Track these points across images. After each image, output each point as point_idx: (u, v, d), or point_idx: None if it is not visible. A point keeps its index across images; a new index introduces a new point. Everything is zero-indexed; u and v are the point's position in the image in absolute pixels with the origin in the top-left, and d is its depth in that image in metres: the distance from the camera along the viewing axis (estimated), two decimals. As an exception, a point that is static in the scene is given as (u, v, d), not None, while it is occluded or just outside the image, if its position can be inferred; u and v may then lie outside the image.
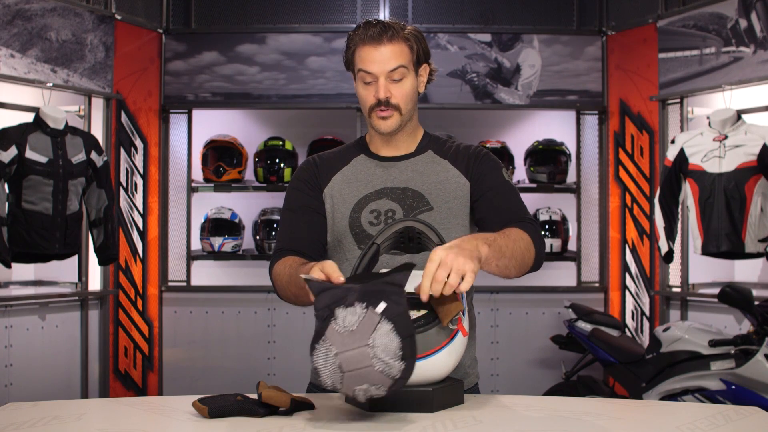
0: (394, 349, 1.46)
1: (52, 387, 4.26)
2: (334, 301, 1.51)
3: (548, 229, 4.96)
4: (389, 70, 1.93)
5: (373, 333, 1.46)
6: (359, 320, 1.48)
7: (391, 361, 1.46)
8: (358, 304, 1.49)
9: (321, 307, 1.52)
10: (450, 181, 2.00)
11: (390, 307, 1.48)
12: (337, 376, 1.48)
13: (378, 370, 1.46)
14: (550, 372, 4.91)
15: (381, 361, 1.46)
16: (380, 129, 1.98)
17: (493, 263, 1.71)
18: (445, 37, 5.03)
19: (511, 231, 1.83)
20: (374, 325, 1.47)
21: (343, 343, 1.47)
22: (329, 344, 1.48)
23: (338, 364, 1.47)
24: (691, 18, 4.45)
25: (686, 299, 4.49)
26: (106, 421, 1.66)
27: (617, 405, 1.88)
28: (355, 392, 1.49)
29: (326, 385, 1.50)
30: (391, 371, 1.46)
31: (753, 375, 3.29)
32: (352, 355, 1.46)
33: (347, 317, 1.48)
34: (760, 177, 3.88)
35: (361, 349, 1.46)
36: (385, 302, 1.48)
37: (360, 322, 1.47)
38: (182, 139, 5.06)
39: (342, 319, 1.48)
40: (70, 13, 4.36)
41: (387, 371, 1.46)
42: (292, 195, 2.06)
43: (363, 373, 1.46)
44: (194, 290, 5.03)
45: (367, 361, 1.46)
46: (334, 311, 1.49)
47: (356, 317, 1.48)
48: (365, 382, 1.47)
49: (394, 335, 1.46)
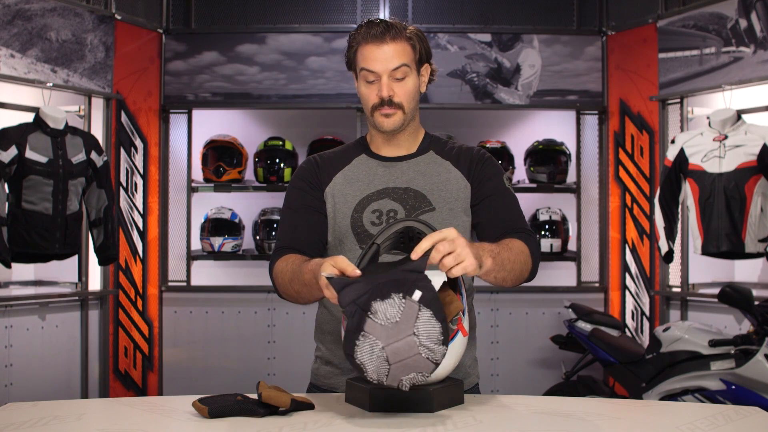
0: (437, 334, 1.50)
1: (52, 387, 4.26)
2: (358, 296, 1.52)
3: (548, 229, 4.96)
4: (392, 69, 1.93)
5: (416, 321, 1.49)
6: (400, 311, 1.49)
7: (434, 347, 1.50)
8: (394, 295, 1.50)
9: (347, 303, 1.52)
10: (451, 182, 2.00)
11: (425, 294, 1.51)
12: (384, 369, 1.50)
13: (424, 357, 1.50)
14: (550, 372, 4.91)
15: (425, 348, 1.49)
16: (383, 127, 1.97)
17: (492, 275, 1.75)
18: (445, 37, 5.03)
19: (513, 244, 1.85)
20: (415, 313, 1.49)
21: (388, 336, 1.49)
22: (373, 339, 1.49)
23: (385, 357, 1.49)
24: (691, 18, 4.45)
25: (686, 299, 4.49)
26: (106, 421, 1.66)
27: (617, 405, 1.88)
28: (401, 382, 1.52)
29: (372, 379, 1.51)
30: (435, 356, 1.50)
31: (753, 375, 3.29)
32: (399, 345, 1.49)
33: (388, 309, 1.50)
34: (760, 177, 3.88)
35: (407, 338, 1.49)
36: (420, 290, 1.50)
37: (402, 312, 1.49)
38: (182, 139, 5.06)
39: (382, 312, 1.50)
40: (70, 13, 4.36)
41: (432, 357, 1.50)
42: (293, 194, 2.06)
43: (410, 362, 1.50)
44: (194, 290, 5.03)
45: (414, 350, 1.49)
46: (370, 305, 1.50)
47: (396, 308, 1.50)
48: (412, 371, 1.50)
49: (435, 320, 1.50)
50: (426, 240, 1.58)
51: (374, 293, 1.51)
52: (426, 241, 1.57)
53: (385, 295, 1.50)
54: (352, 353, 1.50)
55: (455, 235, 1.59)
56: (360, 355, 1.50)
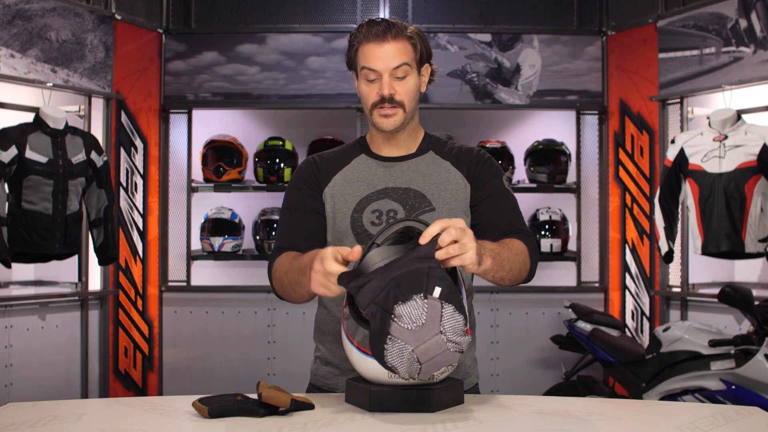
0: (461, 327, 1.53)
1: (52, 387, 4.26)
2: (376, 294, 1.53)
3: (548, 229, 4.96)
4: (393, 68, 1.93)
5: (442, 320, 1.52)
6: (424, 312, 1.52)
7: (460, 339, 1.53)
8: (416, 297, 1.52)
9: (367, 305, 1.54)
10: (451, 182, 2.00)
11: (443, 288, 1.53)
12: (415, 368, 1.53)
13: (452, 351, 1.53)
14: (550, 372, 4.91)
15: (452, 342, 1.53)
16: (383, 126, 1.97)
17: (491, 275, 1.76)
18: (445, 37, 5.03)
19: (513, 244, 1.85)
20: (439, 312, 1.52)
21: (417, 339, 1.52)
22: (402, 343, 1.52)
23: (416, 358, 1.53)
24: (691, 18, 4.45)
25: (686, 299, 4.49)
26: (106, 421, 1.66)
27: (617, 405, 1.88)
28: (435, 377, 1.56)
29: (404, 377, 1.55)
30: (461, 347, 1.54)
31: (753, 375, 3.29)
32: (428, 346, 1.52)
33: (412, 312, 1.52)
34: (760, 177, 3.88)
35: (435, 338, 1.52)
36: (438, 286, 1.52)
37: (426, 313, 1.52)
38: (182, 139, 5.06)
39: (407, 315, 1.51)
40: (70, 13, 4.36)
41: (458, 348, 1.54)
42: (292, 194, 2.05)
43: (440, 359, 1.53)
44: (194, 290, 5.03)
45: (443, 347, 1.52)
46: (393, 309, 1.51)
47: (420, 310, 1.52)
48: (443, 366, 1.54)
49: (458, 314, 1.52)
50: (435, 225, 1.58)
51: (394, 294, 1.52)
52: (435, 226, 1.58)
53: (407, 297, 1.51)
54: (382, 357, 1.53)
55: (464, 225, 1.60)
56: (391, 359, 1.53)
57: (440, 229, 1.57)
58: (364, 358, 1.66)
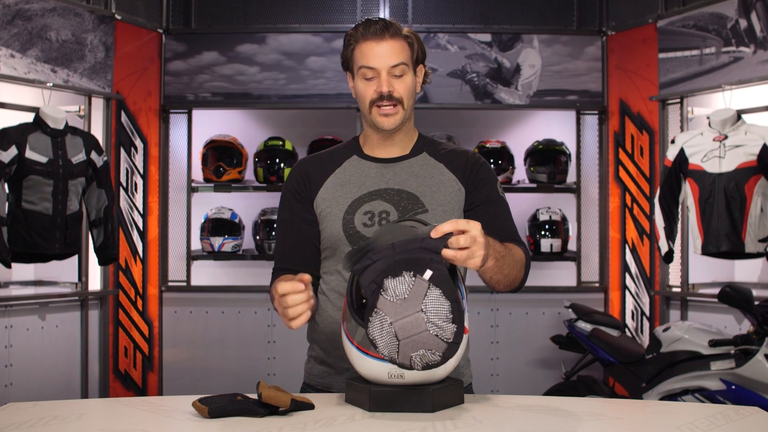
0: (445, 312, 1.53)
1: (52, 387, 4.26)
2: (377, 275, 1.56)
3: (548, 229, 4.96)
4: (391, 66, 1.94)
5: (425, 299, 1.53)
6: (409, 288, 1.54)
7: (443, 324, 1.53)
8: (405, 273, 1.54)
9: (368, 283, 1.57)
10: (445, 184, 2.00)
11: (435, 274, 1.54)
12: (393, 346, 1.54)
13: (432, 334, 1.53)
14: (550, 372, 4.91)
15: (434, 325, 1.53)
16: (383, 125, 1.97)
17: (488, 275, 1.77)
18: (445, 37, 5.03)
19: (515, 251, 1.87)
20: (424, 291, 1.53)
21: (396, 312, 1.54)
22: (383, 315, 1.55)
23: (394, 333, 1.54)
24: (691, 18, 4.45)
25: (686, 299, 4.49)
26: (106, 421, 1.67)
27: (617, 405, 1.88)
28: (412, 360, 1.55)
29: (383, 355, 1.56)
30: (444, 334, 1.53)
31: (753, 375, 3.29)
32: (407, 321, 1.53)
33: (397, 287, 1.55)
34: (760, 177, 3.88)
35: (414, 315, 1.53)
36: (431, 270, 1.54)
37: (410, 289, 1.54)
38: (182, 139, 5.06)
39: (392, 289, 1.55)
40: (70, 13, 4.36)
41: (441, 334, 1.53)
42: (283, 206, 2.08)
43: (418, 339, 1.53)
44: (194, 290, 5.03)
45: (422, 326, 1.53)
46: (383, 283, 1.55)
47: (406, 286, 1.54)
48: (421, 348, 1.54)
49: (444, 299, 1.53)
50: (449, 223, 1.58)
51: (388, 271, 1.55)
52: (449, 225, 1.58)
53: (397, 273, 1.55)
54: (366, 329, 1.56)
55: (478, 233, 1.59)
56: (372, 331, 1.55)
57: (453, 230, 1.58)
58: (364, 358, 1.66)
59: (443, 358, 1.56)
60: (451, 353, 1.56)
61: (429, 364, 1.56)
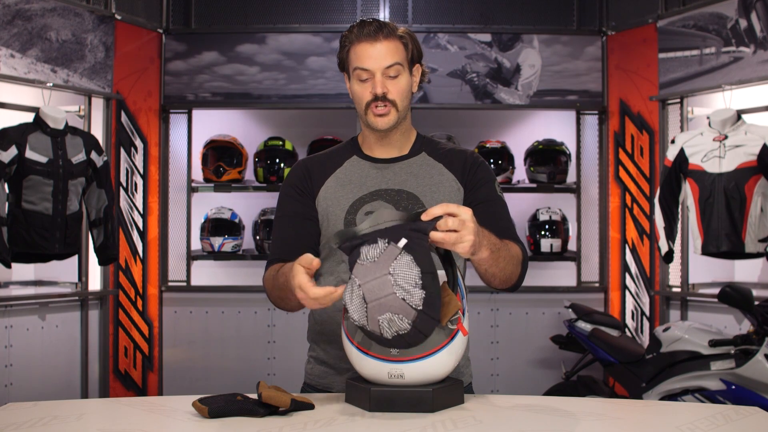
0: (414, 278, 1.52)
1: (52, 387, 4.26)
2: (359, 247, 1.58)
3: (548, 229, 4.96)
4: (386, 67, 1.94)
5: (394, 262, 1.53)
6: (380, 253, 1.55)
7: (410, 289, 1.52)
8: (380, 240, 1.56)
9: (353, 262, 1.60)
10: (444, 184, 2.00)
11: (411, 243, 1.55)
12: (362, 310, 1.54)
13: (399, 298, 1.52)
14: (550, 372, 4.91)
15: (401, 288, 1.52)
16: (377, 126, 1.97)
17: (484, 267, 1.76)
18: (445, 37, 5.03)
19: (512, 247, 1.87)
20: (394, 256, 1.54)
21: (365, 275, 1.55)
22: (354, 278, 1.56)
23: (362, 296, 1.54)
24: (691, 18, 4.45)
25: (686, 299, 4.49)
26: (106, 421, 1.67)
27: (617, 405, 1.89)
28: (380, 324, 1.54)
29: (354, 320, 1.56)
30: (412, 299, 1.52)
31: (753, 375, 3.29)
32: (374, 284, 1.53)
33: (370, 251, 1.56)
34: (760, 177, 3.88)
35: (382, 278, 1.53)
36: (406, 239, 1.55)
37: (381, 254, 1.55)
38: (182, 139, 5.06)
39: (365, 253, 1.56)
40: (70, 13, 4.36)
41: (408, 299, 1.52)
42: (283, 201, 2.07)
43: (384, 302, 1.53)
44: (194, 290, 5.03)
45: (388, 289, 1.52)
46: (360, 250, 1.56)
47: (378, 251, 1.55)
48: (387, 311, 1.53)
49: (414, 265, 1.53)
50: (439, 207, 1.60)
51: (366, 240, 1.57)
52: (439, 208, 1.60)
53: (373, 241, 1.56)
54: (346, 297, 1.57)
55: (468, 217, 1.60)
56: (345, 296, 1.57)
57: (443, 212, 1.59)
58: (364, 358, 1.66)
59: (415, 328, 1.53)
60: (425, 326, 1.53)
61: (400, 333, 1.54)
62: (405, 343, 1.58)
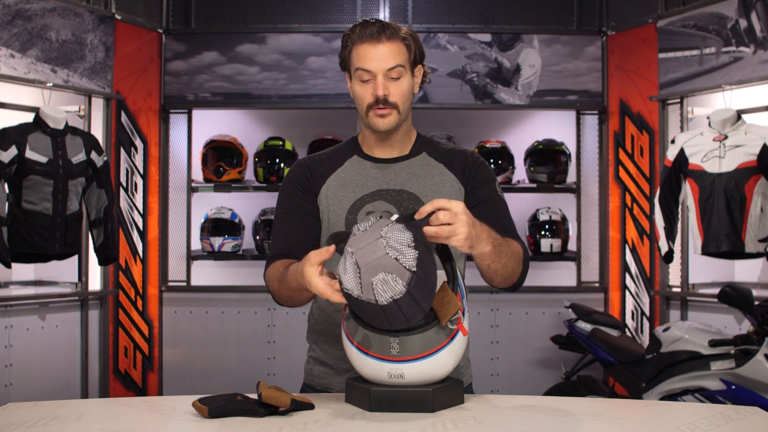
0: (407, 240, 1.53)
1: (52, 387, 4.26)
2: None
3: (548, 229, 4.96)
4: (387, 68, 1.93)
5: (386, 228, 1.55)
6: (372, 223, 1.58)
7: (404, 249, 1.52)
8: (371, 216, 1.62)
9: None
10: (445, 184, 2.00)
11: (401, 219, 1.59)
12: (356, 277, 1.54)
13: (392, 258, 1.52)
14: (550, 372, 4.91)
15: (393, 249, 1.52)
16: (378, 126, 1.97)
17: (486, 263, 1.76)
18: (445, 37, 5.03)
19: (513, 244, 1.87)
20: (386, 224, 1.57)
21: (358, 243, 1.56)
22: (347, 248, 1.57)
23: (355, 262, 1.54)
24: (691, 18, 4.45)
25: (686, 299, 4.49)
26: (106, 421, 1.67)
27: (617, 405, 1.88)
28: (374, 288, 1.52)
29: (348, 289, 1.55)
30: (405, 260, 1.52)
31: (753, 375, 3.29)
32: (367, 249, 1.54)
33: (362, 224, 1.60)
34: (760, 177, 3.88)
35: (374, 242, 1.54)
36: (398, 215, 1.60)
37: (373, 224, 1.58)
38: (182, 139, 5.06)
39: (357, 227, 1.60)
40: (70, 13, 4.36)
41: (400, 258, 1.52)
42: (284, 198, 2.05)
43: (377, 263, 1.53)
44: (194, 290, 5.03)
45: (381, 251, 1.53)
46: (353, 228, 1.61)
47: (370, 223, 1.59)
48: (380, 271, 1.52)
49: (406, 230, 1.55)
50: (430, 204, 1.61)
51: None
52: (430, 205, 1.61)
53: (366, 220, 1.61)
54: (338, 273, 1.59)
55: (460, 210, 1.61)
56: (339, 269, 1.57)
57: (434, 209, 1.60)
58: (364, 358, 1.66)
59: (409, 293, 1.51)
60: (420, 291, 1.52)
61: (395, 299, 1.51)
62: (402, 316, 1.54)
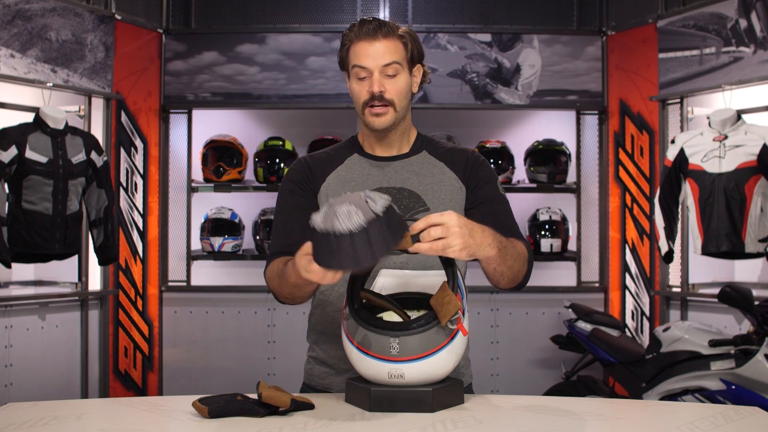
0: (384, 198, 1.54)
1: (52, 387, 4.26)
2: None
3: (548, 229, 4.96)
4: (383, 65, 1.93)
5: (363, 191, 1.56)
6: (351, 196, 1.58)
7: (377, 198, 1.53)
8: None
9: None
10: (446, 183, 2.00)
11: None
12: (324, 210, 1.54)
13: (363, 197, 1.53)
14: (550, 372, 4.91)
15: (368, 196, 1.54)
16: (374, 125, 1.97)
17: (492, 266, 1.75)
18: (445, 37, 5.03)
19: (517, 244, 1.86)
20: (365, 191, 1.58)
21: (336, 196, 1.60)
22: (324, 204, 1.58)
23: (329, 204, 1.55)
24: (691, 18, 4.45)
25: (686, 299, 4.49)
26: (106, 421, 1.67)
27: (617, 405, 1.88)
28: (336, 215, 1.51)
29: (319, 228, 1.53)
30: (375, 206, 1.52)
31: (753, 375, 3.29)
32: (343, 197, 1.55)
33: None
34: (760, 177, 3.88)
35: (353, 194, 1.56)
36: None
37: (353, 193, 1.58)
38: (182, 139, 5.06)
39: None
40: (70, 13, 4.36)
41: (371, 204, 1.52)
42: (284, 196, 2.05)
43: (348, 199, 1.54)
44: (194, 290, 5.03)
45: (356, 196, 1.54)
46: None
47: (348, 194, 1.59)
48: (347, 203, 1.52)
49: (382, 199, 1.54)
50: (422, 221, 1.60)
51: None
52: (422, 222, 1.60)
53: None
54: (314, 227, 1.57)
55: (453, 223, 1.59)
56: (313, 218, 1.55)
57: (426, 226, 1.59)
58: (364, 358, 1.66)
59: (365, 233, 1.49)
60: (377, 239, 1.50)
61: (351, 231, 1.50)
62: (351, 253, 1.51)
